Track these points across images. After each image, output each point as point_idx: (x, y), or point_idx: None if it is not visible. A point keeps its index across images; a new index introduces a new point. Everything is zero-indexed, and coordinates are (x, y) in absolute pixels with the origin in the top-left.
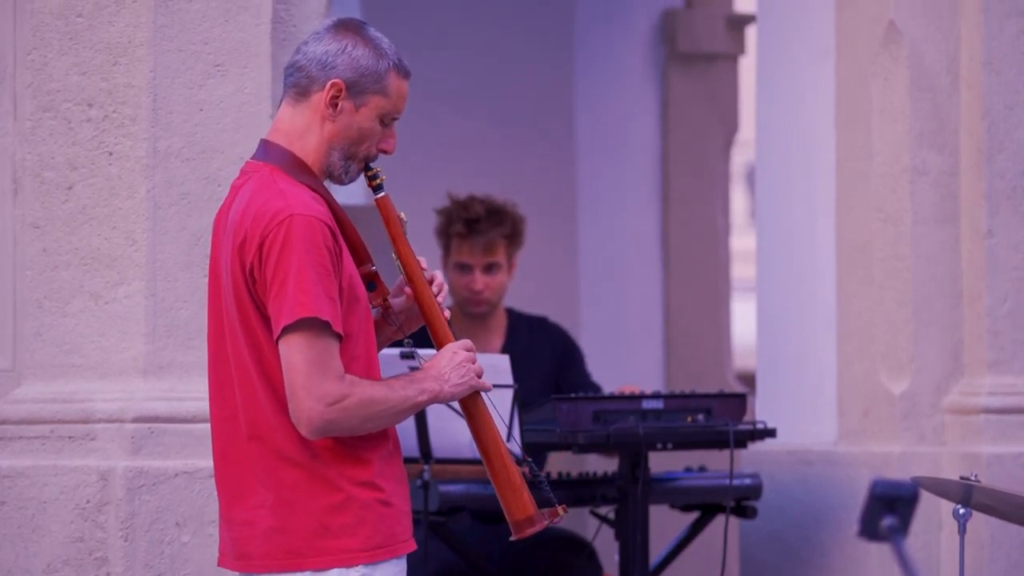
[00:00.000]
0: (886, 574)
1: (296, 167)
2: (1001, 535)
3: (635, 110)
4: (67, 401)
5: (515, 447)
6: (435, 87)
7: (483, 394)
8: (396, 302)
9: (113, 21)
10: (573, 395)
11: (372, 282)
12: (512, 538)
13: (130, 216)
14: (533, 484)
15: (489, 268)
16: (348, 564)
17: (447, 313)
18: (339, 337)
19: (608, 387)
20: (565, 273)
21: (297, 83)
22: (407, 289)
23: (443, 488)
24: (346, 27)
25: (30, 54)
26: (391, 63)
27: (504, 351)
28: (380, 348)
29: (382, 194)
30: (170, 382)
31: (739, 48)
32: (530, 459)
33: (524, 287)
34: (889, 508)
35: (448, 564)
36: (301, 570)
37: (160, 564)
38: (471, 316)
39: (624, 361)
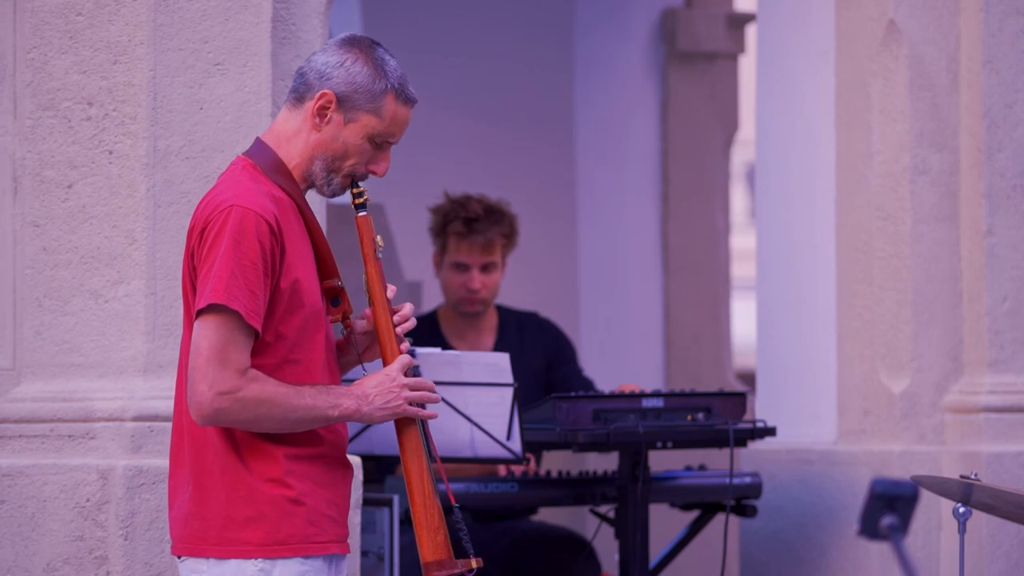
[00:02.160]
0: (886, 573)
1: (274, 168)
2: (1001, 534)
3: (635, 110)
4: (67, 400)
5: (516, 445)
6: (435, 87)
7: (421, 431)
8: (359, 323)
9: (113, 20)
10: (573, 394)
11: (337, 297)
12: None
13: (130, 215)
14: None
15: (486, 268)
16: (245, 556)
17: (406, 345)
18: (254, 331)
19: (608, 387)
20: (565, 273)
21: (296, 88)
22: (368, 311)
23: (443, 487)
24: (355, 43)
25: (30, 53)
26: (390, 86)
27: (495, 349)
28: (344, 369)
29: (363, 213)
30: (170, 381)
31: (739, 47)
32: (458, 505)
33: (524, 287)
34: (889, 507)
35: None
36: (205, 556)
37: (160, 563)
38: (464, 315)
39: (624, 361)
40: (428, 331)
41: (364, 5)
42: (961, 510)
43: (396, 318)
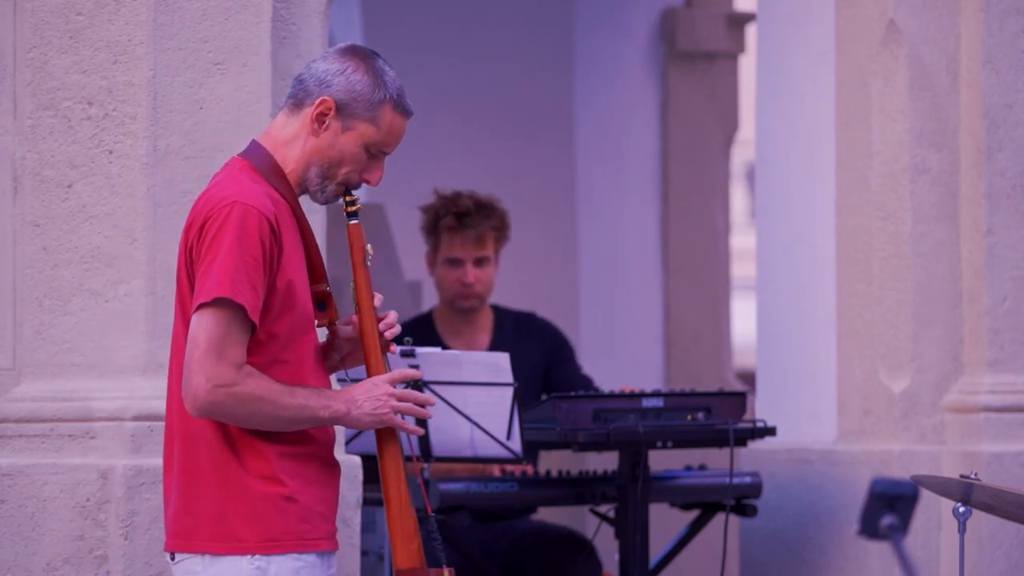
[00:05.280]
0: (886, 573)
1: (271, 170)
2: (1001, 534)
3: (635, 109)
4: (67, 399)
5: (516, 444)
6: (435, 87)
7: (403, 441)
8: (344, 329)
9: (113, 19)
10: (573, 393)
11: (323, 302)
12: None
13: (130, 214)
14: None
15: (479, 262)
16: (240, 553)
17: (394, 348)
18: (251, 327)
19: (607, 387)
20: (565, 273)
21: (295, 94)
22: (354, 317)
23: (443, 486)
24: (355, 52)
25: (30, 52)
26: (388, 96)
27: (491, 347)
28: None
29: (355, 222)
30: None
31: (739, 47)
32: (434, 515)
33: (524, 286)
34: (889, 507)
35: (448, 563)
36: (199, 552)
37: (160, 562)
38: (459, 312)
39: (624, 360)
40: (423, 331)
41: (364, 5)
42: (961, 510)
43: (381, 326)
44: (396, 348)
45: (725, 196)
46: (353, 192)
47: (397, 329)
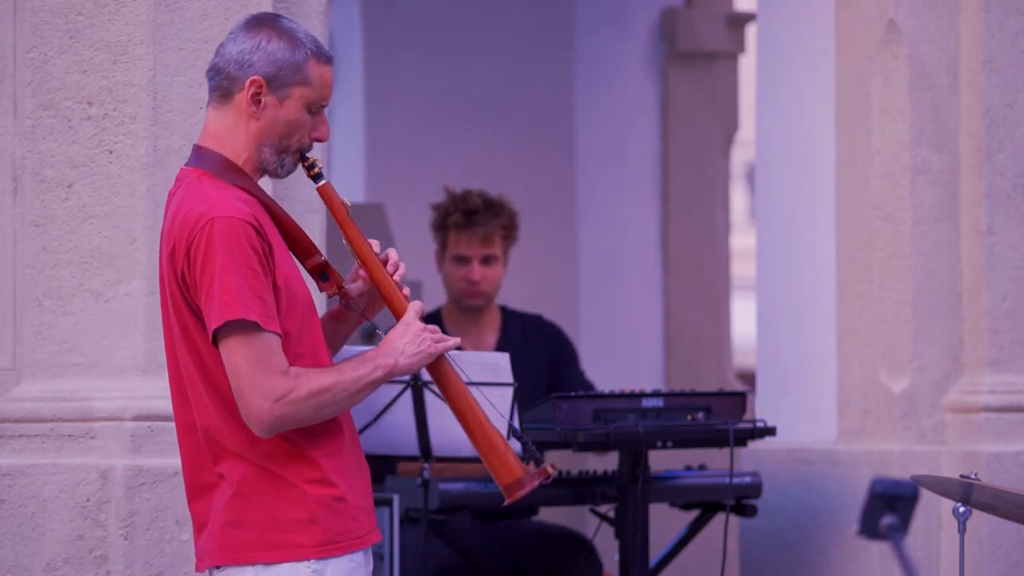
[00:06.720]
0: (886, 573)
1: (227, 169)
2: (1001, 534)
3: (635, 110)
4: (67, 399)
5: (515, 444)
6: (435, 87)
7: (455, 366)
8: (353, 287)
9: (113, 19)
10: (573, 394)
11: (324, 272)
12: (505, 503)
13: (130, 214)
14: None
15: (486, 260)
16: (298, 559)
17: (406, 291)
18: (276, 333)
19: (607, 386)
20: (565, 273)
21: (219, 86)
22: (361, 272)
23: (443, 487)
24: (259, 22)
25: (30, 52)
26: (308, 51)
27: (498, 347)
28: (347, 335)
29: (323, 182)
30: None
31: (739, 47)
32: (512, 425)
33: (523, 287)
34: (889, 507)
35: (448, 563)
36: (252, 563)
37: (160, 562)
38: (466, 310)
39: (624, 360)
40: None
41: (364, 5)
42: (961, 510)
43: (389, 268)
44: (408, 291)
45: (725, 196)
46: (308, 156)
47: (404, 268)
